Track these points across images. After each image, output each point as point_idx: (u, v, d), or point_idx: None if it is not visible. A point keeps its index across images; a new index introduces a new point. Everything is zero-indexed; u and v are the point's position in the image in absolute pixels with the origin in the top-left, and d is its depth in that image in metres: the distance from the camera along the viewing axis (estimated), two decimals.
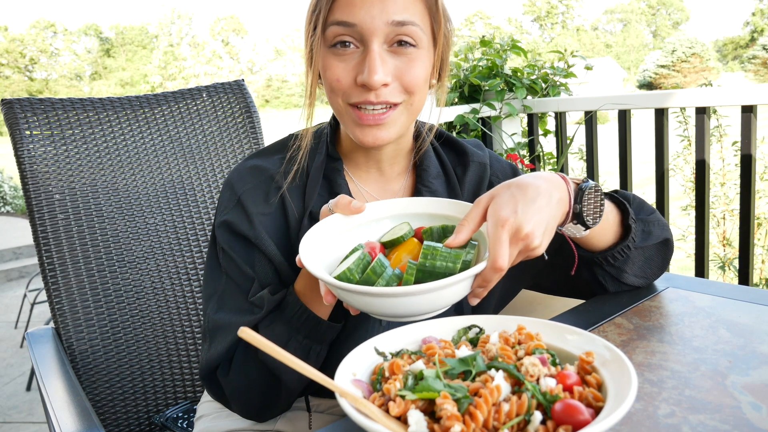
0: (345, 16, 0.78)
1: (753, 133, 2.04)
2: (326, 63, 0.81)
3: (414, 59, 0.81)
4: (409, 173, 0.97)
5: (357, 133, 0.83)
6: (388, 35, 0.79)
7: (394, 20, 0.78)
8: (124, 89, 65.34)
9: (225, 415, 0.98)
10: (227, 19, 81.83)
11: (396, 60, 0.80)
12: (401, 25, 0.78)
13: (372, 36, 0.78)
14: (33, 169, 1.23)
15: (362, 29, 0.78)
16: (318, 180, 0.89)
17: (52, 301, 1.21)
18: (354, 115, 0.82)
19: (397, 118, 0.83)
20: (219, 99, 1.45)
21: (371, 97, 0.79)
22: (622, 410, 0.47)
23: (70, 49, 73.09)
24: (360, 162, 0.93)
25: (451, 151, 1.00)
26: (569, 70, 2.85)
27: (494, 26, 76.99)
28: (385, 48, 0.80)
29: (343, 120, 0.85)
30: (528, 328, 0.63)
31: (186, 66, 70.55)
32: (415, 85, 0.81)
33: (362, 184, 0.94)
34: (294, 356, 0.53)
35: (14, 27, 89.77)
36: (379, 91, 0.79)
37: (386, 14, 0.77)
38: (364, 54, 0.79)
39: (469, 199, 0.99)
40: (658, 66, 53.50)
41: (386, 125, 0.82)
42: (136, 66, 71.42)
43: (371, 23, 0.77)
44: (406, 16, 0.78)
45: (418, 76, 0.81)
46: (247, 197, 0.87)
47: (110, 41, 74.55)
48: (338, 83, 0.81)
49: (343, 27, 0.78)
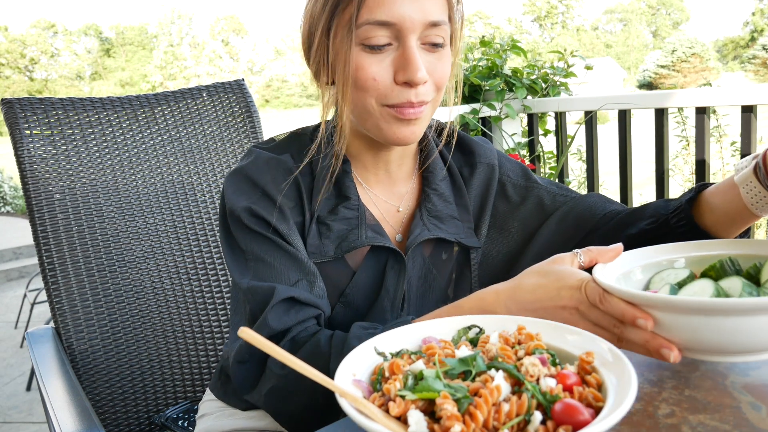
0: (383, 15, 0.76)
1: (753, 133, 2.04)
2: (359, 63, 0.78)
3: (442, 56, 0.81)
4: (416, 175, 0.97)
5: (394, 129, 0.81)
6: (422, 33, 0.78)
7: (431, 21, 0.77)
8: (124, 89, 65.34)
9: (227, 414, 0.98)
10: (227, 19, 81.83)
11: (428, 57, 0.80)
12: (436, 26, 0.78)
13: (410, 34, 0.77)
14: (33, 169, 1.23)
15: (401, 27, 0.76)
16: (325, 182, 0.87)
17: (52, 301, 1.21)
18: (392, 111, 0.80)
19: (428, 114, 0.83)
20: (219, 99, 1.45)
21: (412, 96, 0.78)
22: (622, 410, 0.47)
23: (70, 49, 73.09)
24: (368, 164, 0.91)
25: (457, 149, 1.00)
26: (569, 70, 2.85)
27: (494, 26, 77.00)
28: (419, 44, 0.79)
29: (373, 119, 0.82)
30: (528, 328, 0.63)
31: (186, 66, 70.54)
32: (443, 82, 0.82)
33: (369, 186, 0.92)
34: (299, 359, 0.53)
35: (14, 27, 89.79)
36: (418, 90, 0.79)
37: (424, 14, 0.77)
38: (401, 51, 0.78)
39: (476, 200, 0.99)
40: (658, 66, 53.51)
41: (421, 120, 0.82)
42: (136, 66, 71.42)
43: (411, 22, 0.76)
44: (441, 15, 0.79)
45: (446, 73, 0.82)
46: (272, 189, 0.84)
47: (110, 41, 74.56)
48: (374, 82, 0.78)
49: (379, 26, 0.76)
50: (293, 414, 0.78)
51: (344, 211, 0.87)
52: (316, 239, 0.86)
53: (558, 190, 1.00)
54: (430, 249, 0.93)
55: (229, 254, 0.86)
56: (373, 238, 0.86)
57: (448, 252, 0.95)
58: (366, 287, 0.88)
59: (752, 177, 0.76)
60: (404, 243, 0.93)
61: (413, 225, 0.91)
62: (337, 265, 0.87)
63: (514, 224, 0.99)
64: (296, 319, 0.78)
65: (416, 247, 0.90)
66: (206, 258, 1.37)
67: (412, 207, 0.95)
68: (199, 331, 1.35)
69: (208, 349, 1.35)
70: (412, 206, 0.95)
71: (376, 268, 0.88)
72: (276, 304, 0.77)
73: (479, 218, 0.98)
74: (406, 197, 0.95)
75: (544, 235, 0.97)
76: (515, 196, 1.00)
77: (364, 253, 0.88)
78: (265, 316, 0.77)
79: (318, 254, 0.86)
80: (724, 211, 0.81)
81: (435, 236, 0.90)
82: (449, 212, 0.94)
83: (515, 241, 0.99)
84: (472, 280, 0.97)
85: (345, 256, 0.87)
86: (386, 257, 0.88)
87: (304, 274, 0.82)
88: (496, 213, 1.00)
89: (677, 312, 0.57)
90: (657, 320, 0.59)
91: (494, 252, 0.99)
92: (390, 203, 0.94)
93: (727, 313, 0.55)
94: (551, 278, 0.70)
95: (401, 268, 0.88)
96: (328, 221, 0.87)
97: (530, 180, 1.01)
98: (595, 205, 0.97)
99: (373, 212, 0.91)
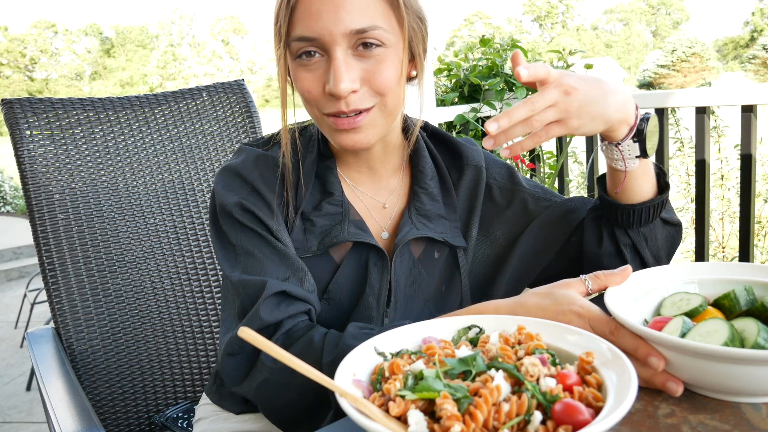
0: (304, 31, 0.77)
1: (753, 133, 2.04)
2: (296, 75, 0.81)
3: (382, 60, 0.79)
4: (404, 172, 0.96)
5: (336, 138, 0.83)
6: (350, 41, 0.77)
7: (352, 29, 0.76)
8: (124, 89, 65.35)
9: (222, 418, 0.98)
10: (227, 19, 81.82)
11: (363, 63, 0.78)
12: (362, 33, 0.76)
13: (333, 45, 0.77)
14: (33, 169, 1.23)
15: (322, 41, 0.77)
16: (310, 179, 0.88)
17: (52, 301, 1.21)
18: (330, 121, 0.81)
19: (373, 121, 0.82)
20: (219, 99, 1.45)
21: (342, 106, 0.78)
22: (622, 410, 0.47)
23: (71, 49, 73.09)
24: (350, 161, 0.92)
25: (445, 151, 1.00)
26: (569, 70, 2.85)
27: (494, 26, 77.00)
28: (350, 53, 0.78)
29: (322, 128, 0.85)
30: (528, 328, 0.63)
31: (186, 66, 70.54)
32: (385, 86, 0.79)
33: (354, 183, 0.93)
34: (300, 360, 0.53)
35: (15, 27, 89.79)
36: (348, 99, 0.78)
37: (343, 24, 0.75)
38: (329, 62, 0.78)
39: (464, 203, 0.99)
40: (658, 66, 53.51)
41: (362, 128, 0.81)
42: (136, 66, 71.42)
43: (330, 35, 0.76)
44: (365, 21, 0.76)
45: (388, 77, 0.79)
46: (261, 185, 0.85)
47: (110, 41, 74.55)
48: (310, 94, 0.80)
49: (304, 41, 0.78)
50: (282, 408, 0.78)
51: (328, 206, 0.88)
52: (300, 234, 0.87)
53: (542, 194, 1.01)
54: (421, 247, 0.93)
55: (220, 249, 0.87)
56: (356, 234, 0.87)
57: (441, 251, 0.95)
58: (349, 283, 0.88)
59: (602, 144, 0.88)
60: (392, 241, 0.93)
61: (402, 223, 0.91)
62: (321, 260, 0.88)
63: (499, 227, 1.00)
64: (287, 312, 0.79)
65: (404, 245, 0.90)
66: (206, 258, 1.37)
67: (400, 204, 0.95)
68: (199, 331, 1.35)
69: (208, 349, 1.35)
70: (401, 204, 0.95)
71: (358, 264, 0.89)
72: (268, 297, 0.77)
73: (468, 221, 0.98)
74: (394, 194, 0.95)
75: (527, 239, 0.98)
76: (501, 199, 1.00)
77: (347, 248, 0.89)
78: (257, 309, 0.77)
79: (302, 249, 0.87)
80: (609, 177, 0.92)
81: (423, 235, 0.91)
82: (437, 211, 0.94)
83: (500, 244, 1.00)
84: (462, 280, 0.97)
85: (330, 253, 0.88)
86: (368, 254, 0.89)
87: (294, 270, 0.82)
88: (483, 216, 1.00)
89: (689, 355, 0.58)
90: (666, 359, 0.60)
91: (480, 255, 1.00)
92: (375, 199, 0.94)
93: (740, 363, 0.55)
94: (551, 301, 0.72)
95: (384, 264, 0.88)
96: (312, 217, 0.88)
97: (516, 183, 1.01)
98: (576, 209, 0.98)
99: (358, 208, 0.92)
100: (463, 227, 0.98)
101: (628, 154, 0.85)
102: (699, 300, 0.68)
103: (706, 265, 0.75)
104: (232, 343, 0.78)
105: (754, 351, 0.54)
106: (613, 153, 0.86)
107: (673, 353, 0.59)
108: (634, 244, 0.92)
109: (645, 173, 0.88)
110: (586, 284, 0.75)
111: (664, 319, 0.67)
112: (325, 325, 0.82)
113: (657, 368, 0.60)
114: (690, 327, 0.63)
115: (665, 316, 0.69)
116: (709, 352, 0.55)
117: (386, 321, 0.89)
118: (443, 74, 2.97)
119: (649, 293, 0.73)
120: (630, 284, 0.73)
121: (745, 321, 0.63)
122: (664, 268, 0.75)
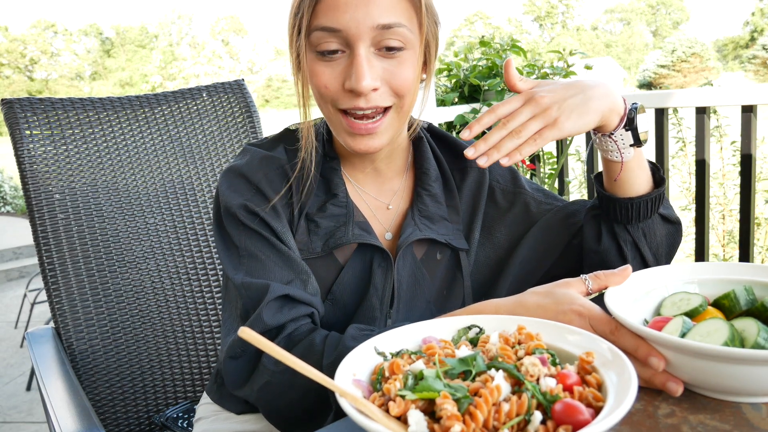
0: (329, 22, 0.76)
1: (753, 133, 2.04)
2: (313, 69, 0.79)
3: (403, 61, 0.79)
4: (408, 172, 0.96)
5: (348, 141, 0.82)
6: (374, 38, 0.76)
7: (379, 24, 0.75)
8: (124, 89, 65.34)
9: (223, 418, 0.98)
10: (227, 19, 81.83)
11: (384, 63, 0.78)
12: (388, 28, 0.76)
13: (358, 41, 0.76)
14: (33, 169, 1.23)
15: (347, 34, 0.76)
16: (315, 179, 0.88)
17: (52, 301, 1.21)
18: (344, 123, 0.80)
19: (389, 125, 0.82)
20: (219, 99, 1.45)
21: (361, 102, 0.77)
22: (622, 410, 0.47)
23: (71, 49, 73.10)
24: (355, 162, 0.92)
25: (448, 152, 1.00)
26: (569, 70, 2.85)
27: (494, 26, 76.99)
28: (373, 51, 0.77)
29: (334, 126, 0.84)
30: (528, 328, 0.63)
31: (186, 66, 70.54)
32: (405, 87, 0.79)
33: (359, 184, 0.93)
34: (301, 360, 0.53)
35: (14, 27, 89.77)
36: (368, 96, 0.77)
37: (371, 18, 0.75)
38: (351, 59, 0.77)
39: (468, 204, 0.99)
40: (658, 66, 53.51)
41: (378, 134, 0.81)
42: (136, 66, 71.42)
43: (356, 28, 0.75)
44: (392, 18, 0.76)
45: (407, 78, 0.79)
46: (266, 186, 0.85)
47: (110, 41, 74.56)
48: (326, 90, 0.79)
49: (327, 32, 0.76)
50: (284, 410, 0.78)
51: (332, 208, 0.88)
52: (305, 236, 0.87)
53: (543, 197, 1.01)
54: (424, 249, 0.93)
55: (223, 250, 0.86)
56: (360, 236, 0.86)
57: (443, 253, 0.95)
58: (353, 284, 0.88)
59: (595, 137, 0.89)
60: (395, 242, 0.93)
61: (405, 224, 0.91)
62: (325, 261, 0.87)
63: (501, 230, 1.00)
64: (290, 316, 0.79)
65: (407, 246, 0.90)
66: (206, 258, 1.37)
67: (403, 206, 0.95)
68: (199, 331, 1.35)
69: (208, 349, 1.35)
70: (404, 205, 0.95)
71: (362, 265, 0.88)
72: (271, 300, 0.77)
73: (471, 223, 0.98)
74: (398, 195, 0.94)
75: (528, 243, 0.98)
76: (503, 201, 1.00)
77: (352, 250, 0.88)
78: (260, 312, 0.77)
79: (306, 250, 0.86)
80: (605, 171, 0.92)
81: (426, 236, 0.91)
82: (440, 213, 0.94)
83: (502, 247, 1.00)
84: (464, 282, 0.97)
85: (335, 254, 0.88)
86: (372, 255, 0.89)
87: (297, 273, 0.82)
88: (485, 218, 1.00)
89: (689, 355, 0.58)
90: (667, 359, 0.60)
91: (482, 257, 1.00)
92: (380, 200, 0.94)
93: (740, 363, 0.55)
94: (551, 300, 0.72)
95: (388, 265, 0.88)
96: (316, 218, 0.87)
97: (518, 185, 1.01)
98: (578, 212, 0.98)
99: (362, 209, 0.91)
100: (466, 229, 0.98)
101: (622, 144, 0.86)
102: (699, 300, 0.68)
103: (706, 265, 0.75)
104: (234, 346, 0.78)
105: (754, 351, 0.54)
106: (607, 144, 0.87)
107: (673, 353, 0.59)
108: (634, 241, 0.91)
109: (640, 165, 0.89)
110: (587, 284, 0.75)
111: (664, 319, 0.67)
112: (329, 327, 0.82)
113: (657, 368, 0.60)
114: (690, 327, 0.63)
115: (665, 316, 0.69)
116: (709, 352, 0.55)
117: (389, 322, 0.89)
118: (443, 74, 2.97)
119: (649, 293, 0.73)
120: (630, 284, 0.73)
121: (745, 321, 0.63)
122: (664, 268, 0.75)
